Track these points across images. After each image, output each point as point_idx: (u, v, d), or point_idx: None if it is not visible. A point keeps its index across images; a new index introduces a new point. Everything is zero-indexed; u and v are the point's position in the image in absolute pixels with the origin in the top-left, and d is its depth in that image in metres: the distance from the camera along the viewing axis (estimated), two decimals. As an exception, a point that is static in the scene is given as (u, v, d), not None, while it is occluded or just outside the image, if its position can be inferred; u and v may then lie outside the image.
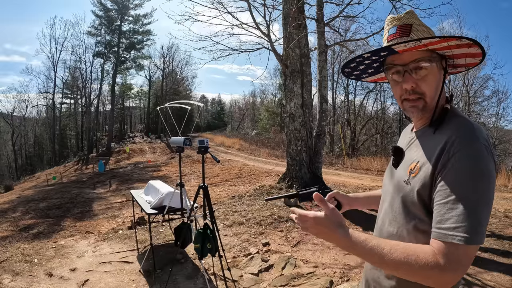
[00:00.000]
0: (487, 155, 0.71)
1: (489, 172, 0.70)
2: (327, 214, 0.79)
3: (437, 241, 0.70)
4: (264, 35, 6.41)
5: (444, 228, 0.69)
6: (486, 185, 0.70)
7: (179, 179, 3.12)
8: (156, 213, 3.11)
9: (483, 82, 18.02)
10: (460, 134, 0.74)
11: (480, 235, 0.67)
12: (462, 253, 0.67)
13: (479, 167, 0.70)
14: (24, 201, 10.38)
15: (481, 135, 0.74)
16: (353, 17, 7.68)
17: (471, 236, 0.66)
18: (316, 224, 0.79)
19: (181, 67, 36.99)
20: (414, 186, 0.79)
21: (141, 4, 29.74)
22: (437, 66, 0.82)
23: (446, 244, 0.68)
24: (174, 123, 4.46)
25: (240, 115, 46.36)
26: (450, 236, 0.68)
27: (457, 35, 0.76)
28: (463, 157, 0.71)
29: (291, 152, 6.67)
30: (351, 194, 1.18)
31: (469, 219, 0.67)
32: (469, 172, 0.70)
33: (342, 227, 0.77)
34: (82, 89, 30.92)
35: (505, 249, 3.67)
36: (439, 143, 0.77)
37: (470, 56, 0.82)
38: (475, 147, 0.71)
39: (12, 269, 3.42)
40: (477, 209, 0.68)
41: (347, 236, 0.76)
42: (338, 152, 19.92)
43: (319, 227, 0.79)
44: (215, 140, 27.29)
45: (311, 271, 3.16)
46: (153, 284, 3.02)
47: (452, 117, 0.81)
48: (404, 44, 0.77)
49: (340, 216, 0.79)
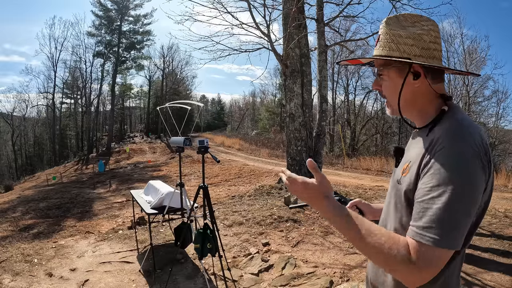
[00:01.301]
0: (471, 157, 0.68)
1: (469, 174, 0.67)
2: (317, 181, 0.79)
3: (409, 238, 0.70)
4: (264, 35, 6.41)
5: (416, 226, 0.69)
6: (464, 188, 0.67)
7: (179, 179, 3.12)
8: (156, 213, 3.11)
9: (483, 82, 18.01)
10: (445, 134, 0.73)
11: (452, 239, 0.65)
12: (431, 255, 0.66)
13: (458, 169, 0.67)
14: (24, 201, 10.38)
15: (471, 136, 0.71)
16: (353, 17, 7.68)
17: (441, 239, 0.65)
18: (304, 188, 0.80)
19: (181, 67, 37.03)
20: (403, 186, 0.80)
21: (141, 4, 29.79)
22: (398, 72, 0.83)
23: (417, 243, 0.68)
24: (174, 123, 4.47)
25: (240, 115, 46.37)
26: (419, 235, 0.67)
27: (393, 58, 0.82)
28: (443, 157, 0.70)
29: (291, 152, 6.67)
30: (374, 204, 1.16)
31: (442, 221, 0.66)
32: (448, 174, 0.67)
33: (328, 198, 0.78)
34: (82, 89, 30.93)
35: (505, 249, 3.67)
36: (427, 143, 0.77)
37: None
38: (458, 147, 0.69)
39: (12, 269, 3.42)
40: (452, 212, 0.66)
41: (331, 207, 0.77)
42: (338, 152, 19.93)
43: (307, 192, 0.80)
44: (215, 140, 27.30)
45: (311, 271, 3.16)
46: (153, 284, 3.02)
47: (448, 119, 0.80)
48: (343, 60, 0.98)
49: (329, 187, 0.80)
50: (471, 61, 16.34)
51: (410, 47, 0.81)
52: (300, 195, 0.81)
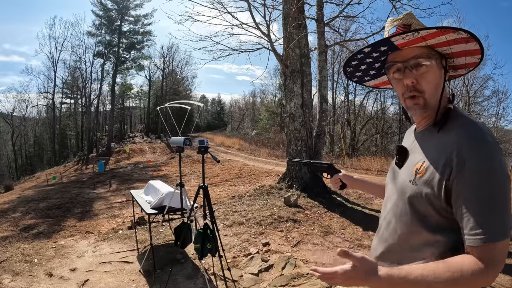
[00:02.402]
0: (498, 151, 0.74)
1: (502, 167, 0.73)
2: (355, 265, 0.74)
3: (473, 247, 0.72)
4: (264, 35, 6.41)
5: (472, 234, 0.71)
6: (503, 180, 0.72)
7: (179, 179, 3.12)
8: (156, 213, 3.11)
9: (483, 82, 18.02)
10: (469, 135, 0.75)
11: (508, 229, 0.70)
12: (498, 251, 0.70)
13: (494, 166, 0.72)
14: (24, 201, 10.38)
15: (488, 134, 0.76)
16: (353, 17, 7.69)
17: (501, 233, 0.70)
18: (347, 278, 0.75)
19: (181, 67, 37.05)
20: (421, 187, 0.79)
21: (141, 4, 29.79)
22: (436, 64, 0.82)
23: (479, 248, 0.71)
24: (174, 123, 4.46)
25: (240, 115, 46.36)
26: (478, 240, 0.70)
27: (453, 27, 0.76)
28: (478, 159, 0.72)
29: (291, 152, 6.66)
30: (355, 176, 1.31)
31: (497, 218, 0.70)
32: (486, 174, 0.71)
33: (375, 273, 0.73)
34: (82, 89, 30.93)
35: (505, 249, 3.67)
36: (446, 145, 0.77)
37: (469, 54, 0.83)
38: (486, 147, 0.73)
39: (12, 269, 3.42)
40: (502, 206, 0.71)
41: (385, 279, 0.73)
42: (338, 152, 19.91)
43: (351, 280, 0.75)
44: (215, 140, 27.29)
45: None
46: (153, 284, 3.02)
47: (456, 117, 0.81)
48: (402, 36, 0.77)
49: (370, 263, 0.74)
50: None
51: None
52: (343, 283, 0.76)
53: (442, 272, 0.71)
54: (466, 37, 0.77)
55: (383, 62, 0.92)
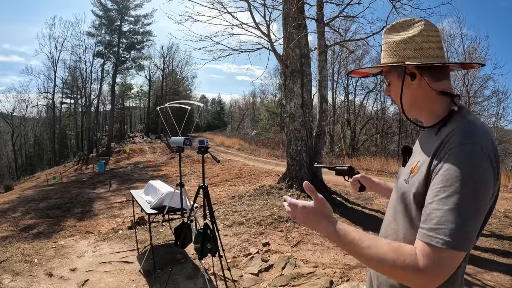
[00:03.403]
0: (482, 159, 0.68)
1: (480, 175, 0.67)
2: (315, 204, 0.80)
3: (419, 241, 0.69)
4: (264, 35, 6.41)
5: (426, 228, 0.68)
6: (476, 189, 0.66)
7: (179, 179, 3.12)
8: (156, 213, 3.11)
9: (483, 82, 18.03)
10: (455, 134, 0.73)
11: (463, 240, 0.64)
12: (442, 257, 0.65)
13: (469, 169, 0.67)
14: (24, 201, 10.38)
15: (481, 137, 0.71)
16: (353, 17, 7.69)
17: (452, 240, 0.64)
18: (304, 213, 0.81)
19: (181, 67, 37.04)
20: (411, 186, 0.80)
21: (141, 4, 29.78)
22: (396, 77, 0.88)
23: (427, 245, 0.67)
24: (174, 123, 4.46)
25: (240, 115, 46.36)
26: (429, 237, 0.66)
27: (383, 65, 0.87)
28: (454, 158, 0.69)
29: (291, 152, 6.67)
30: (376, 180, 1.29)
31: (453, 222, 0.64)
32: (458, 174, 0.67)
33: (328, 218, 0.79)
34: (82, 89, 30.93)
35: (505, 249, 3.67)
36: (436, 143, 0.77)
37: None
38: (471, 150, 0.69)
39: (12, 269, 3.42)
40: (464, 214, 0.65)
41: (331, 227, 0.77)
42: (338, 152, 19.92)
43: (306, 216, 0.81)
44: (215, 140, 27.29)
45: (311, 271, 3.16)
46: (153, 284, 3.02)
47: (457, 119, 0.80)
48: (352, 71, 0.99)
49: (327, 207, 0.81)
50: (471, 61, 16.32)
51: (404, 51, 0.85)
52: (300, 219, 0.82)
53: (378, 246, 0.70)
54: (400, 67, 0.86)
55: None
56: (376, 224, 4.70)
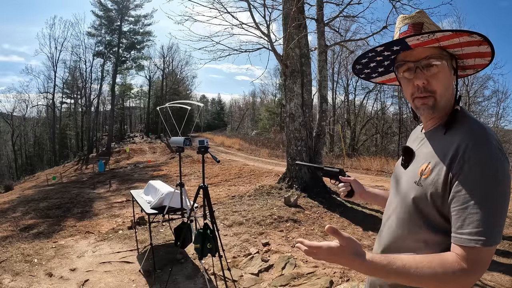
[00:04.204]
0: (501, 157, 0.73)
1: (504, 174, 0.72)
2: (342, 245, 0.76)
3: (458, 246, 0.72)
4: (264, 35, 6.41)
5: (465, 234, 0.71)
6: (502, 187, 0.71)
7: (179, 179, 3.12)
8: (156, 213, 3.11)
9: (483, 82, 18.02)
10: (473, 137, 0.75)
11: (498, 236, 0.70)
12: (483, 256, 0.70)
13: (494, 171, 0.71)
14: (24, 201, 10.38)
15: (493, 137, 0.75)
16: (353, 17, 7.69)
17: (490, 239, 0.69)
18: (331, 255, 0.77)
19: (181, 67, 37.06)
20: (426, 188, 0.79)
21: (141, 4, 29.79)
22: (447, 65, 0.82)
23: (468, 249, 0.70)
24: (174, 123, 4.46)
25: (240, 115, 46.37)
26: (472, 241, 0.70)
27: (469, 30, 0.75)
28: (478, 162, 0.72)
29: (291, 152, 6.67)
30: (367, 187, 1.21)
31: (489, 223, 0.69)
32: (485, 177, 0.71)
33: (360, 255, 0.75)
34: (82, 89, 30.93)
35: (505, 249, 3.67)
36: (451, 145, 0.77)
37: (480, 56, 0.82)
38: (489, 151, 0.73)
39: (12, 269, 3.42)
40: (495, 212, 0.70)
41: (367, 263, 0.74)
42: (338, 152, 19.92)
43: (334, 257, 0.77)
44: (215, 140, 27.30)
45: (311, 271, 3.16)
46: (153, 284, 3.02)
47: (463, 118, 0.81)
48: (417, 37, 0.77)
49: (356, 244, 0.76)
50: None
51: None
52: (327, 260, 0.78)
53: (424, 266, 0.71)
54: (479, 40, 0.76)
55: (392, 60, 0.92)
56: (376, 224, 4.70)
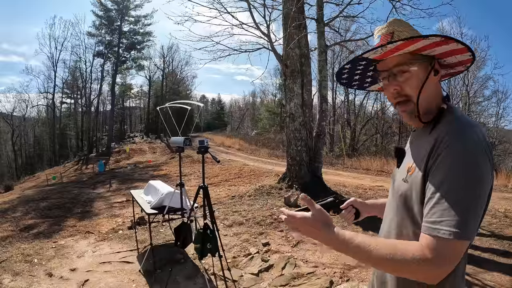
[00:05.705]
0: (478, 152, 0.71)
1: (476, 168, 0.70)
2: (313, 214, 0.81)
3: (424, 234, 0.71)
4: (264, 35, 6.41)
5: (430, 222, 0.71)
6: (474, 181, 0.70)
7: (179, 179, 3.12)
8: (156, 213, 3.11)
9: (483, 82, 18.05)
10: (450, 131, 0.75)
11: (466, 230, 0.67)
12: (448, 247, 0.68)
13: (466, 163, 0.70)
14: (24, 201, 10.38)
15: (474, 132, 0.74)
16: (353, 17, 7.68)
17: (456, 231, 0.67)
18: (303, 223, 0.81)
19: (181, 67, 37.06)
20: (411, 184, 0.81)
21: (142, 4, 29.79)
22: (421, 68, 0.83)
23: (433, 238, 0.69)
24: (174, 123, 4.46)
25: (240, 115, 46.37)
26: (435, 230, 0.69)
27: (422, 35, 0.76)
28: (450, 153, 0.72)
29: (291, 152, 6.67)
30: (368, 201, 1.19)
31: (455, 214, 0.67)
32: (456, 168, 0.70)
33: (328, 226, 0.80)
34: (82, 89, 30.93)
35: (505, 249, 3.67)
36: (432, 141, 0.78)
37: (458, 53, 0.82)
38: (464, 143, 0.72)
39: (12, 269, 3.42)
40: (464, 205, 0.68)
41: (333, 234, 0.78)
42: (338, 152, 19.92)
43: (306, 227, 0.81)
44: (215, 140, 27.30)
45: (311, 271, 3.16)
46: (153, 284, 3.02)
47: (449, 116, 0.82)
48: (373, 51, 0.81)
49: (326, 216, 0.82)
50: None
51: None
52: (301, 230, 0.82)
53: (384, 246, 0.72)
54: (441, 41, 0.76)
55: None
56: (375, 223, 4.69)
